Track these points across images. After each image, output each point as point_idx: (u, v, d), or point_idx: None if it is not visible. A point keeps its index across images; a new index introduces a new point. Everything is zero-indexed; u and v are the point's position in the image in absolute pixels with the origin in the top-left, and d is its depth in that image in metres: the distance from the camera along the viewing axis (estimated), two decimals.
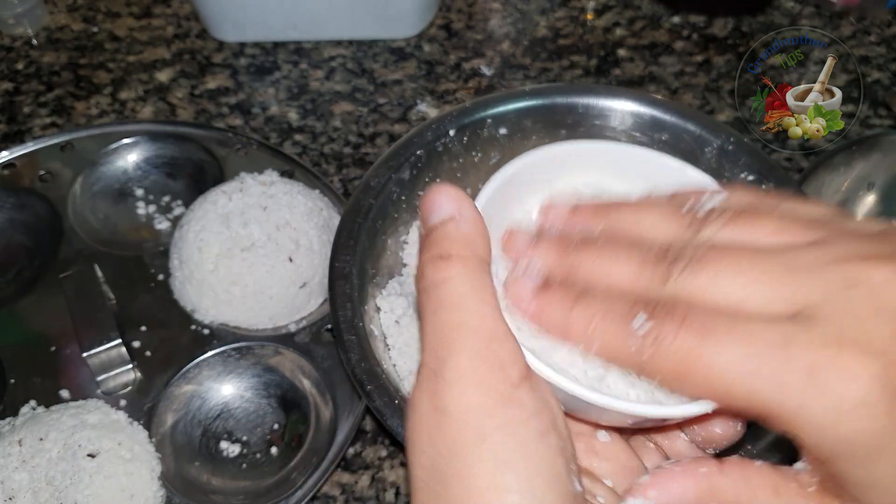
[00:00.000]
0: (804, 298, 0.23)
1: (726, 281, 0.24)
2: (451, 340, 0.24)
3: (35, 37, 0.79)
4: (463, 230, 0.26)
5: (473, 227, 0.26)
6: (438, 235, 0.26)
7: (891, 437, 0.21)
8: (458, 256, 0.26)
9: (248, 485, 0.51)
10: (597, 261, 0.27)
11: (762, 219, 0.26)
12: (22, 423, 0.49)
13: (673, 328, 0.23)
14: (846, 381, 0.21)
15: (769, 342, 0.22)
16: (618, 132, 0.53)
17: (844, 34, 0.79)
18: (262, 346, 0.56)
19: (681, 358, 0.23)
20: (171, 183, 0.66)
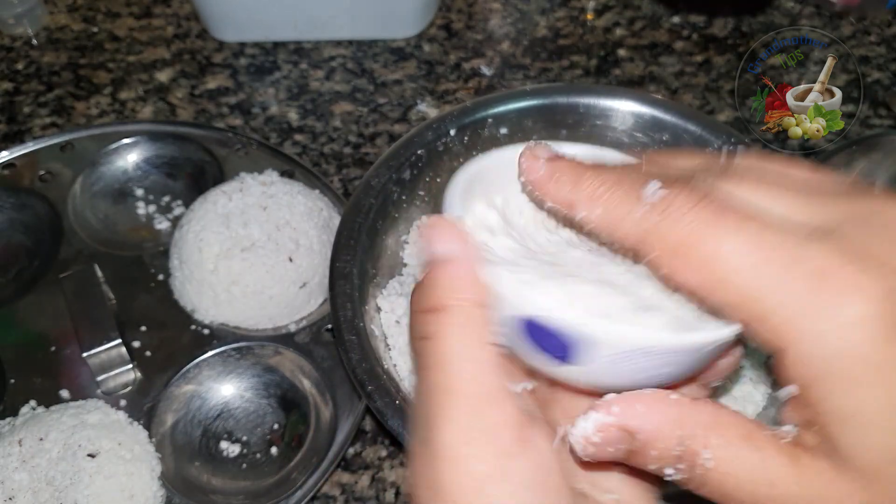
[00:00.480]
0: (825, 216, 0.22)
1: (751, 189, 0.23)
2: (439, 408, 0.23)
3: (35, 37, 0.79)
4: (455, 274, 0.25)
5: (470, 271, 0.25)
6: (429, 280, 0.25)
7: (883, 364, 0.20)
8: (449, 308, 0.24)
9: (248, 485, 0.51)
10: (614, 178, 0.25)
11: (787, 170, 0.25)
12: (22, 423, 0.49)
13: (691, 200, 0.22)
14: (851, 292, 0.20)
15: (780, 242, 0.21)
16: (618, 132, 0.53)
17: (844, 34, 0.79)
18: (262, 346, 0.56)
19: (687, 233, 0.22)
20: (171, 183, 0.66)
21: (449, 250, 0.25)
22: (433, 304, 0.25)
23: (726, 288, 0.22)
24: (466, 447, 0.23)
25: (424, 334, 0.25)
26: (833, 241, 0.21)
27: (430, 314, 0.25)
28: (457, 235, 0.25)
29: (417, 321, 0.25)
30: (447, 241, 0.25)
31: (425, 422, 0.24)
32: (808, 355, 0.21)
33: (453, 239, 0.25)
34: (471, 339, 0.24)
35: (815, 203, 0.23)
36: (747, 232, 0.22)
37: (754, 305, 0.22)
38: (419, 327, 0.25)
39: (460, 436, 0.23)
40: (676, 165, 0.27)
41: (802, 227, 0.22)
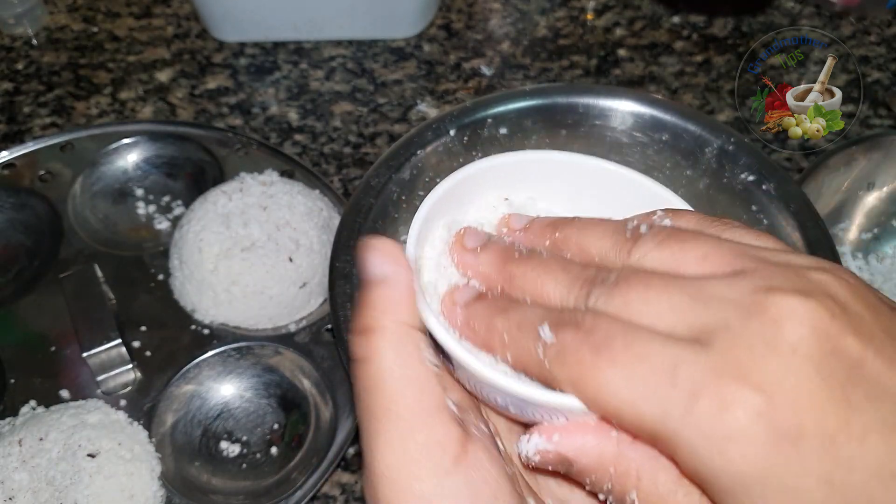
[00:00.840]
0: (703, 325, 0.22)
1: (637, 306, 0.24)
2: (376, 430, 0.24)
3: (35, 37, 0.79)
4: (389, 295, 0.26)
5: (402, 292, 0.26)
6: (366, 301, 0.26)
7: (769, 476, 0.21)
8: (381, 329, 0.25)
9: (248, 485, 0.51)
10: (531, 274, 0.27)
11: (690, 244, 0.26)
12: (22, 423, 0.49)
13: (575, 341, 0.23)
14: (725, 410, 0.21)
15: (658, 365, 0.22)
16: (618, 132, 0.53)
17: (844, 34, 0.79)
18: (262, 346, 0.56)
19: (576, 373, 0.23)
20: (171, 183, 0.66)
21: (383, 272, 0.26)
22: (367, 326, 0.25)
23: (620, 414, 0.23)
24: (406, 468, 0.23)
25: (359, 356, 0.25)
26: (708, 354, 0.22)
27: (363, 336, 0.25)
28: (391, 257, 0.26)
29: (355, 342, 0.26)
30: (382, 262, 0.26)
31: (366, 445, 0.24)
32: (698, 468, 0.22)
33: (388, 261, 0.26)
34: (404, 359, 0.25)
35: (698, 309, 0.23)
36: (623, 363, 0.22)
37: (645, 428, 0.22)
38: (354, 350, 0.25)
39: (399, 457, 0.24)
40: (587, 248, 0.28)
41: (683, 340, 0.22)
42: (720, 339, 0.22)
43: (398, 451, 0.24)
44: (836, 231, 0.62)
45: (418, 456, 0.24)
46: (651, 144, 0.52)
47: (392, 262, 0.26)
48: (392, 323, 0.25)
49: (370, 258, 0.26)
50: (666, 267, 0.25)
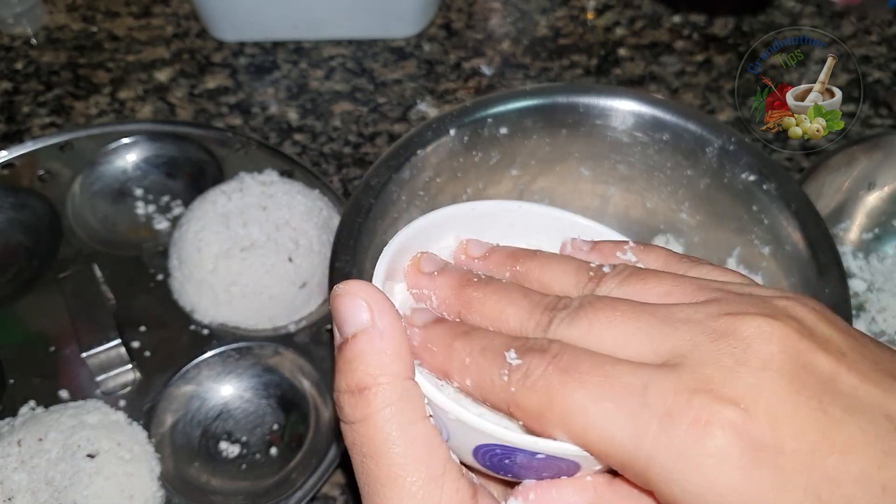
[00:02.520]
0: (672, 348, 0.22)
1: (601, 331, 0.23)
2: (386, 497, 0.23)
3: (34, 36, 0.79)
4: (377, 347, 0.24)
5: (392, 341, 0.24)
6: (350, 356, 0.24)
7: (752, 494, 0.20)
8: (376, 386, 0.23)
9: (248, 485, 0.51)
10: (489, 302, 0.26)
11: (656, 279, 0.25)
12: (21, 424, 0.49)
13: (541, 365, 0.23)
14: (701, 427, 0.20)
15: (628, 386, 0.21)
16: (618, 132, 0.53)
17: (845, 34, 0.79)
18: (262, 347, 0.56)
19: (542, 396, 0.22)
20: (170, 183, 0.66)
21: (363, 321, 0.24)
22: (357, 384, 0.23)
23: (588, 439, 0.22)
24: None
25: (353, 418, 0.24)
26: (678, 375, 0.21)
27: (356, 395, 0.23)
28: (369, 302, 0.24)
29: (343, 404, 0.24)
30: (359, 309, 0.24)
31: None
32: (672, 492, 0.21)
33: (366, 306, 0.24)
34: (403, 419, 0.23)
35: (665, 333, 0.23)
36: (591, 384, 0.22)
37: (615, 453, 0.22)
38: (346, 411, 0.24)
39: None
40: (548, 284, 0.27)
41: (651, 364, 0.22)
42: (690, 359, 0.22)
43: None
44: (837, 231, 0.62)
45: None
46: (652, 144, 0.52)
47: (371, 306, 0.24)
48: (387, 378, 0.23)
49: (345, 306, 0.24)
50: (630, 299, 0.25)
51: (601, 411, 0.21)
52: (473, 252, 0.30)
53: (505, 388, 0.23)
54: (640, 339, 0.23)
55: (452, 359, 0.25)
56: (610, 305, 0.24)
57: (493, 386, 0.24)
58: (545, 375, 0.22)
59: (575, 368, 0.22)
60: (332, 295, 0.25)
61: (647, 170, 0.54)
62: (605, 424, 0.21)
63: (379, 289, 0.25)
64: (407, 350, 0.24)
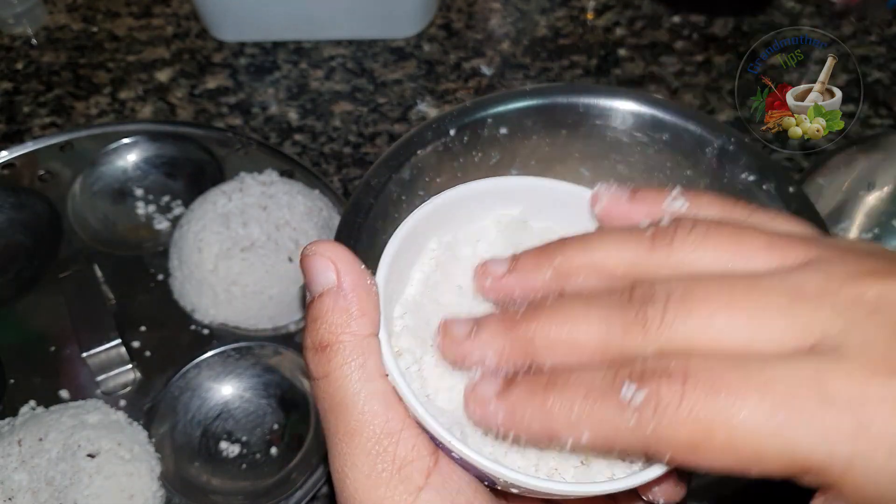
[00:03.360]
0: (821, 328, 0.19)
1: (723, 320, 0.20)
2: (343, 453, 0.23)
3: (35, 36, 0.79)
4: (341, 305, 0.23)
5: (355, 300, 0.23)
6: (314, 314, 0.24)
7: None
8: (337, 343, 0.23)
9: (248, 485, 0.51)
10: (553, 327, 0.22)
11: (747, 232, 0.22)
12: (21, 424, 0.49)
13: (675, 389, 0.19)
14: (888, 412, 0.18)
15: (798, 384, 0.18)
16: (618, 132, 0.53)
17: (845, 34, 0.79)
18: (262, 347, 0.56)
19: (694, 425, 0.19)
20: (170, 183, 0.66)
21: (328, 280, 0.24)
22: (320, 341, 0.24)
23: (765, 458, 0.19)
24: (376, 490, 0.22)
25: (316, 374, 0.24)
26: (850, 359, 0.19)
27: (319, 352, 0.24)
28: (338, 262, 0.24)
29: (308, 360, 0.24)
30: (325, 269, 0.24)
31: (334, 466, 0.23)
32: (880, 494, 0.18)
33: (333, 266, 0.24)
34: (364, 374, 0.23)
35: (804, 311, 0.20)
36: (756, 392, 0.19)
37: (801, 464, 0.19)
38: (311, 367, 0.24)
39: (368, 480, 0.23)
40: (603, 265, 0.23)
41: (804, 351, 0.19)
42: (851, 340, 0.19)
43: (367, 474, 0.23)
44: (837, 231, 0.62)
45: (388, 477, 0.22)
46: (651, 144, 0.52)
47: (338, 266, 0.24)
48: (348, 336, 0.23)
49: (313, 265, 0.24)
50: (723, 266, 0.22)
51: (776, 425, 0.18)
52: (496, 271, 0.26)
53: (637, 430, 0.20)
54: (776, 322, 0.20)
55: (554, 420, 0.21)
56: (721, 285, 0.21)
57: (618, 433, 0.20)
58: (688, 401, 0.19)
59: (722, 381, 0.19)
60: (302, 255, 0.24)
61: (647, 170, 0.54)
62: (785, 438, 0.18)
63: (346, 248, 0.24)
64: (371, 307, 0.24)
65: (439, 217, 0.29)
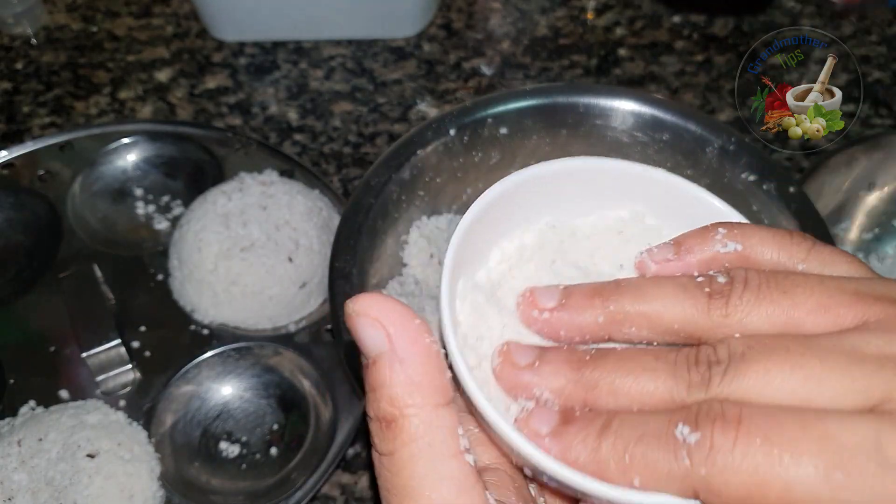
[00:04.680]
0: (882, 390, 0.19)
1: (781, 377, 0.20)
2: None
3: (34, 36, 0.79)
4: (400, 374, 0.21)
5: (413, 366, 0.21)
6: (372, 382, 0.22)
7: None
8: (402, 417, 0.21)
9: (248, 485, 0.51)
10: (619, 378, 0.22)
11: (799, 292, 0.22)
12: (21, 424, 0.49)
13: (729, 435, 0.19)
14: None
15: (857, 444, 0.18)
16: (618, 132, 0.53)
17: (845, 34, 0.79)
18: (262, 347, 0.56)
19: (746, 474, 0.18)
20: (170, 183, 0.66)
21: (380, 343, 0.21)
22: (385, 414, 0.21)
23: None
24: None
25: (381, 450, 0.22)
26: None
27: (384, 427, 0.21)
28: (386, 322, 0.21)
29: (373, 434, 0.22)
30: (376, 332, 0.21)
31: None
32: None
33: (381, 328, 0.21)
34: (433, 454, 0.21)
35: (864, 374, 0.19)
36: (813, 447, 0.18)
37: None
38: (376, 442, 0.22)
39: None
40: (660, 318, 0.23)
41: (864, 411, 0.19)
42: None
43: None
44: (837, 231, 0.62)
45: None
46: (651, 144, 0.52)
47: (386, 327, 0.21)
48: (413, 410, 0.21)
49: (359, 329, 0.22)
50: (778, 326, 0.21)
51: (834, 486, 0.18)
52: (545, 303, 0.25)
53: (689, 475, 0.19)
54: (835, 382, 0.19)
55: (606, 462, 0.21)
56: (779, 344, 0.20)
57: (670, 476, 0.20)
58: (741, 447, 0.19)
59: (778, 431, 0.18)
60: (345, 314, 0.22)
61: None
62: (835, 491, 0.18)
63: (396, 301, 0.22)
64: (435, 370, 0.22)
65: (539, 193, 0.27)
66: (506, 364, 0.24)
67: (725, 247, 0.24)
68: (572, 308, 0.24)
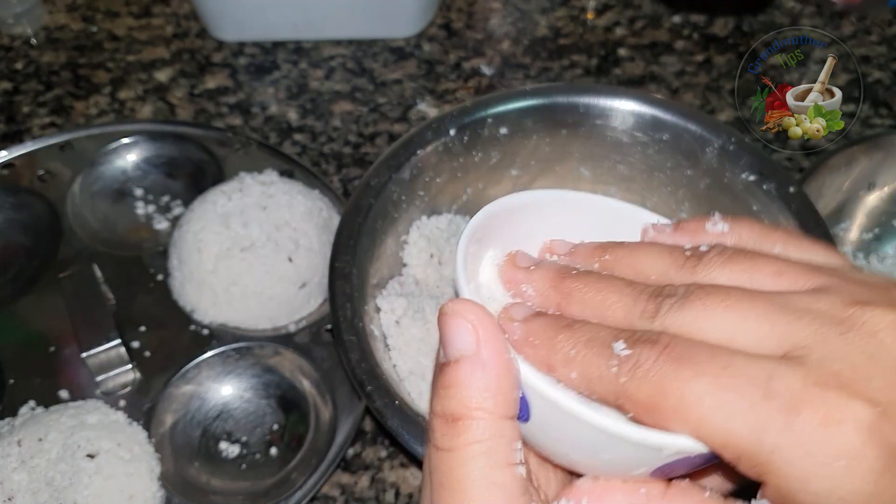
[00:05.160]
0: (795, 339, 0.21)
1: (715, 317, 0.22)
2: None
3: (34, 36, 0.79)
4: (479, 379, 0.23)
5: (493, 375, 0.23)
6: (448, 380, 0.23)
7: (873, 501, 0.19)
8: (470, 419, 0.22)
9: (248, 485, 0.51)
10: (590, 292, 0.25)
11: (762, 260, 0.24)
12: (21, 424, 0.49)
13: (653, 355, 0.22)
14: (829, 426, 0.19)
15: (749, 377, 0.20)
16: (618, 132, 0.53)
17: (845, 34, 0.79)
18: (262, 347, 0.56)
19: (655, 386, 0.21)
20: (170, 183, 0.66)
21: (469, 346, 0.23)
22: (452, 412, 0.23)
23: (704, 431, 0.21)
24: None
25: (441, 445, 0.23)
26: (806, 368, 0.20)
27: (449, 423, 0.23)
28: (481, 328, 0.23)
29: (435, 428, 0.23)
30: (467, 334, 0.23)
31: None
32: (793, 491, 0.20)
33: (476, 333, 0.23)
34: (491, 461, 0.22)
35: (786, 322, 0.22)
36: (710, 374, 0.21)
37: (733, 445, 0.21)
38: (437, 436, 0.23)
39: None
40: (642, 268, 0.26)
41: (772, 355, 0.21)
42: (816, 352, 0.21)
43: None
44: (837, 231, 0.62)
45: None
46: (652, 144, 0.52)
47: (478, 332, 0.23)
48: (483, 413, 0.22)
49: (450, 327, 0.23)
50: (737, 283, 0.24)
51: (720, 402, 0.20)
52: (559, 249, 0.29)
53: (614, 380, 0.22)
54: (758, 328, 0.22)
55: (556, 351, 0.24)
56: (723, 291, 0.23)
57: (600, 378, 0.23)
58: (658, 365, 0.21)
59: (690, 358, 0.21)
60: (441, 312, 0.24)
61: (647, 170, 0.54)
62: (724, 416, 0.20)
63: (490, 314, 0.24)
64: (510, 386, 0.23)
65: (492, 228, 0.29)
66: (510, 264, 0.28)
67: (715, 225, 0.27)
68: (578, 255, 0.29)
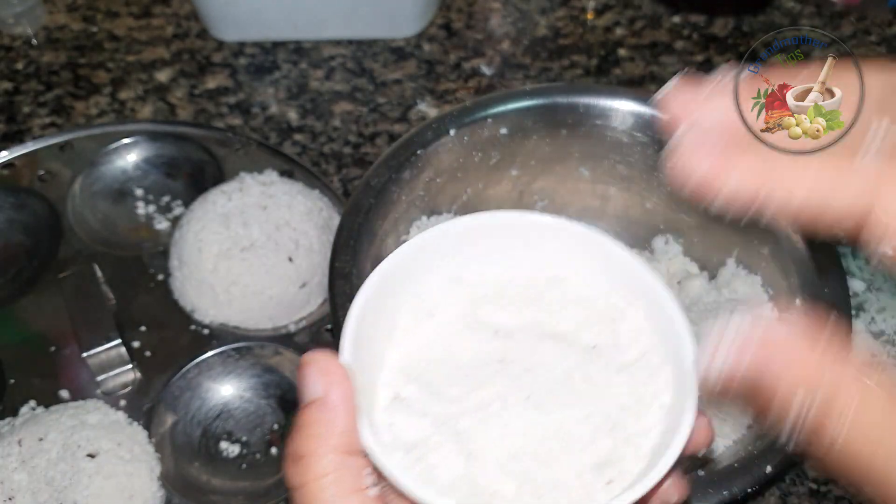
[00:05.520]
0: None
1: None
2: None
3: (34, 36, 0.79)
4: (324, 417, 0.24)
5: (339, 413, 0.24)
6: (299, 423, 0.25)
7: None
8: (314, 455, 0.24)
9: (248, 485, 0.51)
10: None
11: None
12: (21, 424, 0.49)
13: None
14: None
15: None
16: (618, 132, 0.53)
17: (845, 34, 0.79)
18: (262, 347, 0.56)
19: None
20: (170, 183, 0.66)
21: (316, 391, 0.25)
22: (299, 451, 0.24)
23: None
24: None
25: (293, 483, 0.24)
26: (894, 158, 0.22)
27: (297, 462, 0.24)
28: (326, 374, 0.25)
29: (287, 468, 0.25)
30: (315, 380, 0.25)
31: None
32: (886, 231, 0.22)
33: (322, 378, 0.25)
34: (340, 490, 0.24)
35: None
36: None
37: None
38: (287, 476, 0.24)
39: None
40: None
41: None
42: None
43: None
44: None
45: None
46: (651, 144, 0.52)
47: (327, 379, 0.25)
48: (327, 451, 0.24)
49: (305, 375, 0.25)
50: None
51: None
52: None
53: None
54: None
55: None
56: None
57: None
58: None
59: None
60: (300, 363, 0.25)
61: (647, 170, 0.54)
62: None
63: (339, 363, 0.25)
64: (350, 424, 0.24)
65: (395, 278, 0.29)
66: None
67: None
68: None
